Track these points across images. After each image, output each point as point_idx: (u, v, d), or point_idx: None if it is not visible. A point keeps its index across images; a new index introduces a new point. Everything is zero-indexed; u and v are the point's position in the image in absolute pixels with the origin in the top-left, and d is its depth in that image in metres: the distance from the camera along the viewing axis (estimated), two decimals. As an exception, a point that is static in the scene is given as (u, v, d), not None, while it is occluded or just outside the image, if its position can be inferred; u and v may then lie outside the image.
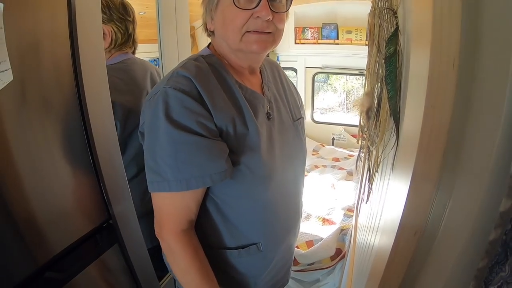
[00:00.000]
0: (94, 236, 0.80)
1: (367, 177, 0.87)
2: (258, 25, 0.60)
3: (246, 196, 0.67)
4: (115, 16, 0.99)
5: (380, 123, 0.64)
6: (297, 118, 0.78)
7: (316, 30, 2.49)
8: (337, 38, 2.37)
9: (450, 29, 0.33)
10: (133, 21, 1.05)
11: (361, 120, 1.02)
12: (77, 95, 0.74)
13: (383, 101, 0.62)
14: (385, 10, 0.61)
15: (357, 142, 1.02)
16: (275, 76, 0.81)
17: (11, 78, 0.60)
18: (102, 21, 1.03)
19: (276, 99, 0.75)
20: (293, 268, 1.54)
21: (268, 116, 0.70)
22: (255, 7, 0.59)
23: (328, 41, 2.42)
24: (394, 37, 0.58)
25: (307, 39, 2.58)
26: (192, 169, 0.58)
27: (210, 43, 0.71)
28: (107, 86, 0.83)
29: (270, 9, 0.59)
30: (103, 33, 1.00)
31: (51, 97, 0.69)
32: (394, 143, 0.56)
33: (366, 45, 2.28)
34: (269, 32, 0.62)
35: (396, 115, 0.58)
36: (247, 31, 0.61)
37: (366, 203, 0.81)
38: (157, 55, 1.18)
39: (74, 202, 0.76)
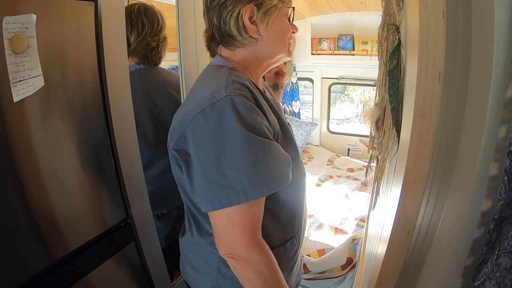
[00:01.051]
0: (112, 234, 0.87)
1: (375, 185, 0.90)
2: (291, 34, 0.69)
3: (293, 199, 0.70)
4: None
5: (384, 132, 0.68)
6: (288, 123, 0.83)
7: (332, 41, 2.54)
8: (353, 49, 2.41)
9: (435, 45, 0.38)
10: (162, 31, 1.06)
11: (372, 131, 1.05)
12: (101, 99, 0.81)
13: (386, 112, 0.66)
14: (389, 25, 0.66)
15: (368, 152, 1.05)
16: (269, 89, 0.87)
17: (43, 83, 0.68)
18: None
19: (279, 107, 0.79)
20: (304, 276, 1.56)
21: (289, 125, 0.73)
22: (291, 22, 0.69)
23: (344, 52, 2.47)
24: (396, 51, 0.63)
25: (323, 50, 2.63)
26: (270, 172, 0.58)
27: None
28: (130, 91, 0.90)
29: None
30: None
31: (77, 101, 0.76)
32: (396, 152, 0.60)
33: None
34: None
35: (398, 125, 0.61)
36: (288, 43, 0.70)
37: (373, 210, 0.84)
38: (177, 63, 1.22)
39: (95, 201, 0.83)
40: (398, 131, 0.61)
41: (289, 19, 0.67)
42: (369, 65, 2.36)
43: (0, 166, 0.63)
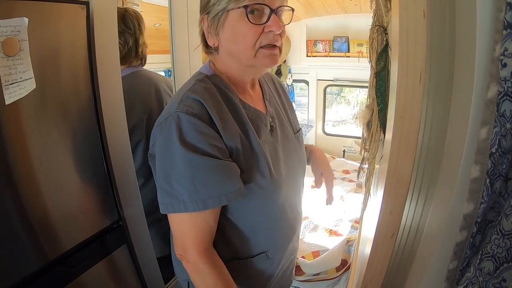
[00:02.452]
0: (104, 235, 0.87)
1: (367, 187, 0.89)
2: (270, 39, 0.61)
3: (256, 211, 0.69)
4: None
5: (371, 134, 0.67)
6: (297, 130, 0.81)
7: (327, 43, 2.55)
8: (348, 51, 2.41)
9: (416, 45, 0.37)
10: (135, 33, 1.05)
11: (363, 132, 1.05)
12: (93, 102, 0.82)
13: (374, 114, 0.65)
14: (377, 27, 0.65)
15: (360, 153, 1.05)
16: (277, 89, 0.83)
17: (34, 86, 0.69)
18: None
19: (278, 112, 0.77)
20: (299, 278, 1.55)
21: (271, 131, 0.72)
22: (266, 22, 0.60)
23: (339, 53, 2.48)
24: (384, 53, 0.62)
25: (318, 52, 2.64)
26: (209, 190, 0.60)
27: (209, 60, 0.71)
28: (122, 95, 0.90)
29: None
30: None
31: (69, 103, 0.77)
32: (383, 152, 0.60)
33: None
34: (276, 46, 0.63)
35: (385, 127, 0.61)
36: (261, 47, 0.62)
37: (364, 211, 0.83)
38: (170, 65, 1.22)
39: (87, 202, 0.83)
40: (384, 130, 0.61)
41: (249, 19, 0.59)
42: (363, 67, 2.36)
43: None
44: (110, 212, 0.89)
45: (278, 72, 2.76)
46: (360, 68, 2.40)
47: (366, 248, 0.57)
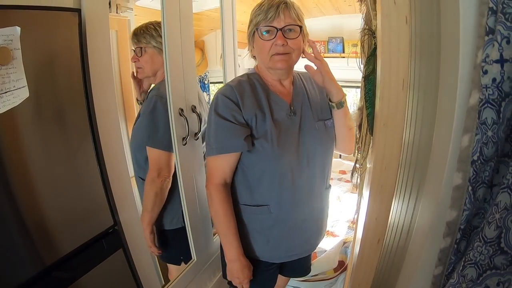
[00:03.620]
0: (99, 240, 0.87)
1: (359, 188, 0.89)
2: (278, 49, 0.89)
3: (260, 166, 0.95)
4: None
5: (361, 138, 0.67)
6: (324, 118, 1.01)
7: (322, 44, 2.54)
8: (343, 52, 2.41)
9: (398, 52, 0.37)
10: None
11: (356, 134, 1.05)
12: (86, 108, 0.82)
13: (363, 117, 0.65)
14: (365, 30, 0.65)
15: (353, 154, 1.05)
16: (312, 85, 1.06)
17: (28, 94, 0.70)
18: (161, 43, 1.14)
19: (305, 103, 1.01)
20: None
21: (290, 115, 0.97)
22: (274, 38, 0.88)
23: (334, 54, 2.47)
24: (372, 57, 0.62)
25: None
26: (222, 141, 0.92)
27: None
28: (115, 99, 0.91)
29: (285, 37, 0.88)
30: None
31: (63, 110, 0.78)
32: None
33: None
34: (288, 53, 0.90)
35: (373, 131, 0.61)
36: (273, 54, 0.90)
37: (356, 214, 0.83)
38: None
39: (83, 208, 0.84)
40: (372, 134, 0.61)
41: (261, 37, 0.90)
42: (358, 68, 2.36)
43: None
44: (105, 217, 0.89)
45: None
46: (355, 68, 2.40)
47: (354, 251, 0.57)
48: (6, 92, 0.65)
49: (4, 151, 0.66)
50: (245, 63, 2.41)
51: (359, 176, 0.92)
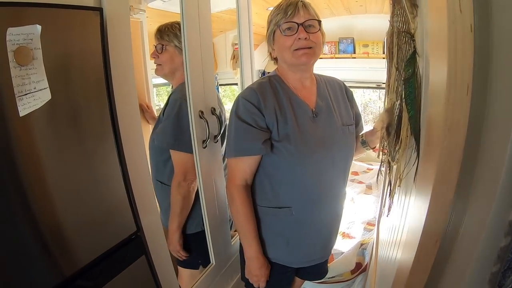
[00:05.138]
0: (123, 247, 0.83)
1: (388, 191, 0.88)
2: (301, 43, 0.89)
3: (284, 168, 0.94)
4: None
5: (401, 141, 0.66)
6: (346, 124, 1.03)
7: (333, 44, 2.53)
8: (354, 52, 2.39)
9: (463, 58, 0.36)
10: None
11: (382, 135, 1.04)
12: (109, 111, 0.78)
13: (403, 120, 0.64)
14: (403, 33, 0.64)
15: (377, 156, 1.03)
16: (335, 90, 1.07)
17: (49, 97, 0.65)
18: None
19: (329, 106, 1.01)
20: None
21: (313, 118, 0.97)
22: (295, 33, 0.89)
23: (345, 55, 2.45)
24: (412, 60, 0.61)
25: (324, 54, 2.61)
26: (242, 144, 0.92)
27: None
28: (137, 101, 0.87)
29: (306, 31, 0.88)
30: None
31: (85, 113, 0.73)
32: (416, 160, 0.58)
33: (384, 58, 2.28)
34: (310, 48, 0.90)
35: (417, 134, 0.60)
36: (295, 49, 0.90)
37: (387, 216, 0.82)
38: None
39: (104, 214, 0.79)
40: (417, 140, 0.60)
41: (282, 33, 0.90)
42: (370, 68, 2.35)
43: (8, 181, 0.60)
44: (128, 223, 0.85)
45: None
46: (366, 69, 2.39)
47: (400, 253, 0.56)
48: (26, 94, 0.61)
49: (23, 156, 0.62)
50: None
51: (388, 177, 0.91)
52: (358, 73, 2.43)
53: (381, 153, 1.11)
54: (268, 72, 1.08)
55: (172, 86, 1.31)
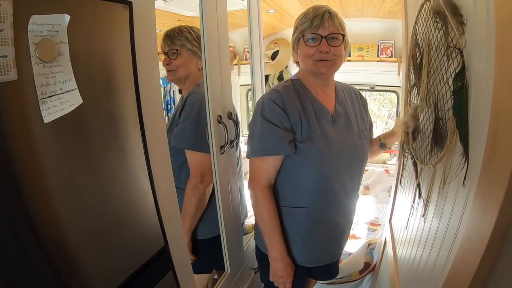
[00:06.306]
0: (152, 263, 0.75)
1: (417, 192, 0.90)
2: (321, 55, 0.93)
3: (305, 168, 0.96)
4: (199, 43, 1.11)
5: (446, 147, 0.67)
6: (361, 130, 1.06)
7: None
8: (349, 55, 2.44)
9: None
10: None
11: (402, 139, 1.06)
12: (138, 119, 0.72)
13: (450, 128, 0.66)
14: (453, 49, 0.66)
15: (399, 159, 1.06)
16: (352, 97, 1.10)
17: (80, 100, 0.56)
18: (197, 47, 1.12)
19: (346, 112, 1.04)
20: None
21: (333, 122, 1.00)
22: (318, 45, 0.92)
23: (340, 58, 2.48)
24: (461, 73, 0.63)
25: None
26: (268, 144, 0.93)
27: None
28: (161, 103, 0.81)
29: (329, 45, 0.92)
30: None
31: (113, 119, 0.65)
32: (464, 164, 0.60)
33: (378, 61, 2.33)
34: (331, 60, 0.94)
35: (466, 141, 0.61)
36: (316, 60, 0.94)
37: (422, 216, 0.84)
38: None
39: (135, 229, 0.72)
40: (466, 146, 0.61)
41: (306, 43, 0.94)
42: (364, 71, 2.40)
43: (29, 195, 0.50)
44: (156, 236, 0.78)
45: (281, 78, 2.72)
46: (361, 71, 2.44)
47: (458, 251, 0.56)
48: (51, 96, 0.52)
49: (46, 168, 0.52)
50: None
51: (416, 179, 0.93)
52: (353, 76, 2.48)
53: (402, 155, 1.14)
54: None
55: (180, 91, 1.27)
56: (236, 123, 1.17)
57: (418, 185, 0.90)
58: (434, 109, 0.79)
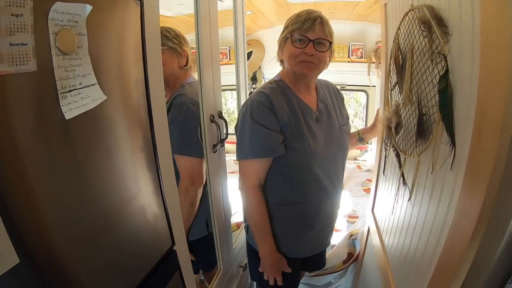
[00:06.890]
0: (161, 265, 0.74)
1: (401, 180, 1.00)
2: (306, 57, 0.95)
3: (294, 166, 1.00)
4: (178, 41, 1.11)
5: (431, 138, 0.77)
6: (341, 124, 1.12)
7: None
8: (328, 56, 2.54)
9: None
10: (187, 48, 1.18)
11: (385, 133, 1.16)
12: (148, 122, 0.71)
13: (436, 121, 0.75)
14: (437, 54, 0.75)
15: (379, 152, 1.15)
16: (331, 93, 1.16)
17: (103, 96, 0.55)
18: (177, 44, 1.12)
19: (328, 109, 1.09)
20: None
21: (317, 120, 1.05)
22: (305, 47, 0.95)
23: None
24: (445, 75, 0.73)
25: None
26: (258, 146, 0.95)
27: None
28: (165, 105, 0.81)
29: (315, 49, 0.94)
30: (184, 54, 1.15)
31: (126, 118, 0.64)
32: (451, 152, 0.69)
33: (349, 62, 2.46)
34: (315, 63, 0.97)
35: (452, 132, 0.71)
36: (300, 61, 0.96)
37: (408, 200, 0.94)
38: None
39: (148, 229, 0.71)
40: (452, 136, 0.71)
41: (293, 44, 0.95)
42: (335, 71, 2.55)
43: (40, 200, 0.48)
44: (165, 237, 0.77)
45: (254, 78, 2.77)
46: (332, 72, 2.56)
47: (450, 235, 0.64)
48: (71, 91, 0.50)
49: (61, 171, 0.50)
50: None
51: (400, 169, 1.03)
52: (324, 76, 2.60)
53: (384, 148, 1.25)
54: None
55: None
56: (226, 122, 1.19)
57: (402, 174, 1.00)
58: (418, 105, 0.88)
